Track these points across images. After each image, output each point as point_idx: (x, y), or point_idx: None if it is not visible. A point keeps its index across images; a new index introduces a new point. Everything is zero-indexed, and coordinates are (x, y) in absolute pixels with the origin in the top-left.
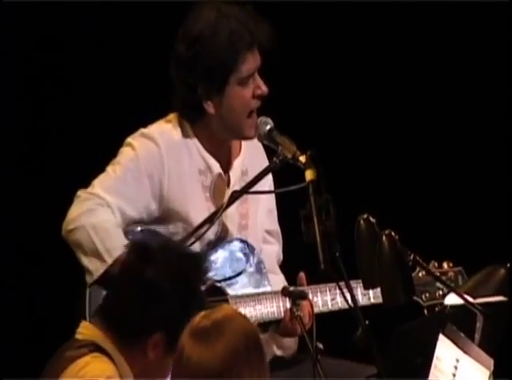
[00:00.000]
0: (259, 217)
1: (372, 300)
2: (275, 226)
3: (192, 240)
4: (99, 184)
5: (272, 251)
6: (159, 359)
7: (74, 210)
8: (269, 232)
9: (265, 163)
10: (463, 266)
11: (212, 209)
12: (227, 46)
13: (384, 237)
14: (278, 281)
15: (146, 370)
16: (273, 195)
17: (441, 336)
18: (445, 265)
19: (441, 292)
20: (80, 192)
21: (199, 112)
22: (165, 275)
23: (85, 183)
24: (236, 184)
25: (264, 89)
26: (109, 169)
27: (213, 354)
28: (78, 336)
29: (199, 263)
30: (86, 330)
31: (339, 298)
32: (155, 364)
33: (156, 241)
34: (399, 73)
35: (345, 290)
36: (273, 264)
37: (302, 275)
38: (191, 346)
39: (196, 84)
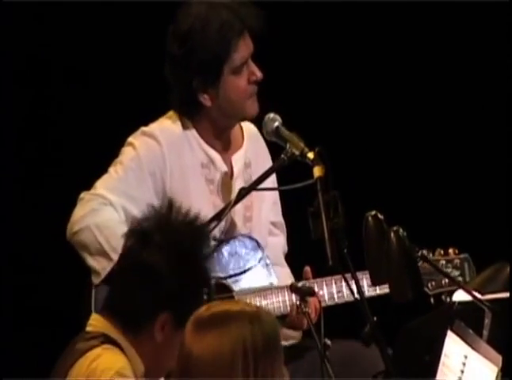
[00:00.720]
0: (264, 209)
1: (378, 291)
2: (279, 218)
3: None
4: (101, 185)
5: (277, 242)
6: (168, 339)
7: (78, 212)
8: (273, 223)
9: (266, 154)
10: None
11: (217, 202)
12: (219, 37)
13: (392, 234)
14: (284, 274)
15: (157, 355)
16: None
17: (450, 333)
18: (451, 252)
19: (446, 280)
20: (83, 194)
21: (196, 107)
22: (162, 254)
23: (88, 185)
24: (239, 176)
25: (258, 74)
26: (111, 169)
27: (200, 348)
28: (89, 328)
29: (199, 237)
30: (96, 322)
31: (345, 291)
32: (165, 345)
33: (153, 220)
34: (404, 71)
35: (351, 284)
36: (279, 255)
37: (307, 269)
38: (189, 335)
39: (191, 79)
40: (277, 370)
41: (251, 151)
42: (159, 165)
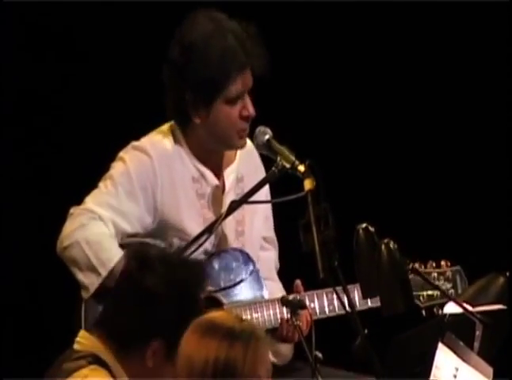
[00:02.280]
0: (256, 223)
1: (370, 304)
2: (271, 233)
3: (191, 250)
4: (91, 200)
5: (268, 257)
6: (159, 367)
7: (68, 227)
8: (265, 239)
9: (260, 168)
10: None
11: (208, 217)
12: (219, 62)
13: (383, 246)
14: (276, 288)
15: (146, 378)
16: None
17: (441, 345)
18: (443, 264)
19: (438, 292)
20: (73, 209)
21: (187, 118)
22: (163, 282)
23: (78, 199)
24: (231, 190)
25: (251, 111)
26: (101, 184)
27: (182, 347)
28: (77, 346)
29: (198, 272)
30: (85, 340)
31: (336, 303)
32: (155, 372)
33: (155, 250)
34: (398, 79)
35: (343, 297)
36: (271, 270)
37: (298, 282)
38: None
39: (185, 91)
40: None
41: (244, 166)
42: (150, 180)
